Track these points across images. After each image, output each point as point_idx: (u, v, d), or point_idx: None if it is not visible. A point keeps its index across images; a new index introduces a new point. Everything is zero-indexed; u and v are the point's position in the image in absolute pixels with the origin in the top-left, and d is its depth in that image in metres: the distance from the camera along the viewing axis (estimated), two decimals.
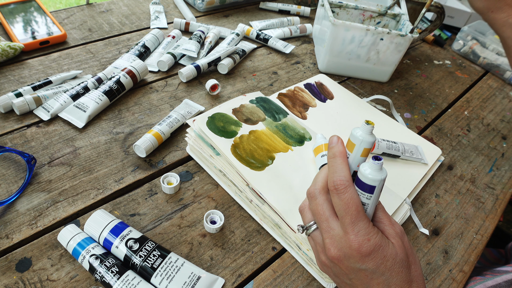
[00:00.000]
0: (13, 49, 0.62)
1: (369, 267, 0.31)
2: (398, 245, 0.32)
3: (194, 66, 0.66)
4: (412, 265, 0.32)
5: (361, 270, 0.31)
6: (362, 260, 0.31)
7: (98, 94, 0.56)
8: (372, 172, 0.30)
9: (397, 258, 0.31)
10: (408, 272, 0.31)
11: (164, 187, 0.47)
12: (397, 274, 0.31)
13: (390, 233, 0.32)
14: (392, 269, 0.31)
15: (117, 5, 0.85)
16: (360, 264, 0.31)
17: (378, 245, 0.31)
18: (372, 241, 0.31)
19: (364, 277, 0.32)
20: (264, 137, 0.51)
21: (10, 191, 0.45)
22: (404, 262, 0.31)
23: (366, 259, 0.31)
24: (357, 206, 0.31)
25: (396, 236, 0.32)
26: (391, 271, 0.31)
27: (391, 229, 0.32)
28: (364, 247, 0.30)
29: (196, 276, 0.38)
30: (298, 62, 0.79)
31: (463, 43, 0.97)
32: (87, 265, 0.37)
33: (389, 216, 0.33)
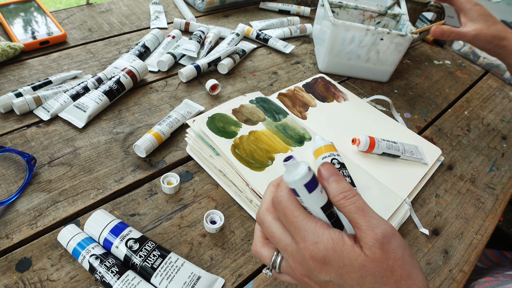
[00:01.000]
0: (13, 49, 0.62)
1: (332, 277, 0.27)
2: (373, 258, 0.26)
3: (194, 66, 0.66)
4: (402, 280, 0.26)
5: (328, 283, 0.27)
6: (321, 269, 0.27)
7: (98, 94, 0.56)
8: (286, 175, 0.27)
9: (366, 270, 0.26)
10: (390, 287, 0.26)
11: (164, 187, 0.47)
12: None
13: (366, 242, 0.26)
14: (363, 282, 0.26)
15: (117, 5, 0.85)
16: (322, 275, 0.27)
17: (331, 248, 0.26)
18: (322, 245, 0.26)
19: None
20: (264, 137, 0.51)
21: (10, 191, 0.45)
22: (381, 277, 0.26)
23: (324, 267, 0.27)
24: (293, 212, 0.27)
25: (373, 245, 0.26)
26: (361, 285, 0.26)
27: (368, 235, 0.26)
28: (315, 253, 0.27)
29: (196, 276, 0.38)
30: (298, 62, 0.79)
31: (463, 43, 0.97)
32: (87, 265, 0.37)
33: (369, 216, 0.27)
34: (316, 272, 0.27)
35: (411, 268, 0.26)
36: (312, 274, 0.28)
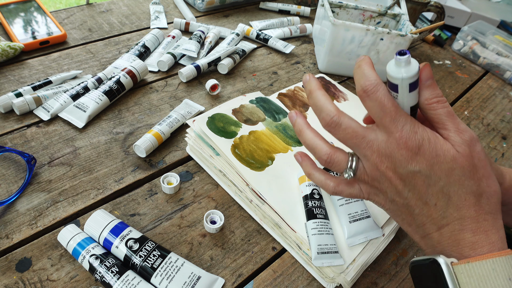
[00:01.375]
0: (13, 49, 0.62)
1: (422, 167, 0.27)
2: (463, 153, 0.27)
3: (194, 66, 0.66)
4: (484, 178, 0.28)
5: (415, 174, 0.28)
6: (412, 158, 0.27)
7: (98, 94, 0.56)
8: (394, 69, 0.27)
9: (456, 163, 0.27)
10: (475, 184, 0.28)
11: (164, 187, 0.47)
12: (458, 182, 0.27)
13: (456, 140, 0.28)
14: (451, 174, 0.27)
15: (117, 5, 0.85)
16: (411, 165, 0.28)
17: (427, 139, 0.27)
18: (420, 134, 0.27)
19: (420, 184, 0.28)
20: (264, 137, 0.51)
21: (10, 191, 0.45)
22: (468, 171, 0.27)
23: (416, 156, 0.27)
24: (394, 102, 0.27)
25: (462, 143, 0.27)
26: (449, 176, 0.27)
27: (457, 136, 0.28)
28: (412, 141, 0.27)
29: (196, 276, 0.38)
30: (298, 62, 0.79)
31: (463, 43, 0.97)
32: (87, 265, 0.37)
33: (457, 122, 0.28)
34: (406, 162, 0.28)
35: (490, 172, 0.29)
36: (400, 165, 0.28)
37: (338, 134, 0.30)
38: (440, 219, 0.29)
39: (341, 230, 0.43)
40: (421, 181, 0.28)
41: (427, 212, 0.29)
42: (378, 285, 0.43)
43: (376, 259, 0.45)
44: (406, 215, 0.31)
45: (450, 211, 0.28)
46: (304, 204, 0.44)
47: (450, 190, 0.28)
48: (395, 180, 0.29)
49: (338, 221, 0.44)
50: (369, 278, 0.43)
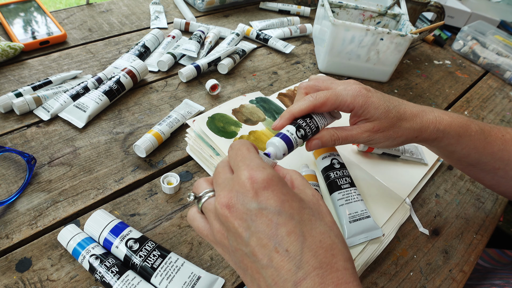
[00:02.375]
0: (13, 49, 0.62)
1: (271, 203, 0.24)
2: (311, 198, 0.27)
3: (194, 66, 0.66)
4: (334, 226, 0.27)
5: (260, 211, 0.24)
6: (258, 194, 0.24)
7: (98, 94, 0.56)
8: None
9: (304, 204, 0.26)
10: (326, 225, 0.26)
11: (164, 187, 0.47)
12: (310, 221, 0.25)
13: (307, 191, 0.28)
14: (302, 213, 0.25)
15: (117, 5, 0.85)
16: (257, 201, 0.24)
17: (276, 177, 0.26)
18: (267, 170, 0.26)
19: (267, 224, 0.24)
20: (264, 137, 0.51)
21: (10, 191, 0.45)
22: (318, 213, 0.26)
23: (264, 192, 0.24)
24: (249, 148, 0.28)
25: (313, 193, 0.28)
26: (301, 214, 0.25)
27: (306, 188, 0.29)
28: (258, 175, 0.25)
29: (196, 276, 0.38)
30: (298, 62, 0.79)
31: (463, 43, 0.97)
32: (87, 265, 0.37)
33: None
34: (250, 196, 0.25)
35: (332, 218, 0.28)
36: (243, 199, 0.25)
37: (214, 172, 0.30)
38: (295, 271, 0.23)
39: (341, 230, 0.43)
40: (268, 220, 0.24)
41: (278, 263, 0.23)
42: (378, 285, 0.43)
43: (376, 259, 0.45)
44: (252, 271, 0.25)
45: (306, 258, 0.23)
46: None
47: (304, 231, 0.24)
48: (233, 221, 0.25)
49: (338, 221, 0.44)
50: (369, 278, 0.43)
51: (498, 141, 0.42)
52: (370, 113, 0.38)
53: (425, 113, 0.40)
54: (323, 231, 0.25)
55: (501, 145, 0.42)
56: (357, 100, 0.38)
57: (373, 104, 0.38)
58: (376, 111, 0.38)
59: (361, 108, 0.38)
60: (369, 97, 0.38)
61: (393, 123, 0.39)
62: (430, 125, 0.40)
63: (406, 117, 0.40)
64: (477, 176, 0.47)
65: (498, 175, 0.44)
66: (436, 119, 0.40)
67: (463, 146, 0.41)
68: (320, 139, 0.38)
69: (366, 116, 0.39)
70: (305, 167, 0.47)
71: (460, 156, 0.43)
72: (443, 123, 0.40)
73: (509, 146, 0.42)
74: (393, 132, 0.39)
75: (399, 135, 0.40)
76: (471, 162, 0.44)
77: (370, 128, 0.39)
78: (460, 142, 0.41)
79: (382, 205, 0.48)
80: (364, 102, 0.38)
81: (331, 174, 0.46)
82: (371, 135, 0.39)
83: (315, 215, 0.26)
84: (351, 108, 0.39)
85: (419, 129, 0.40)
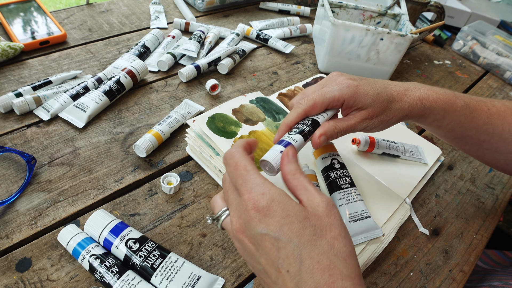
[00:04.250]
0: (13, 49, 0.62)
1: (271, 229, 0.26)
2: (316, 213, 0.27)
3: (194, 66, 0.66)
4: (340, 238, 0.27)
5: (263, 236, 0.26)
6: (261, 221, 0.27)
7: (98, 94, 0.56)
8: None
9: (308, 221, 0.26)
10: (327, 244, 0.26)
11: (164, 187, 0.47)
12: (310, 242, 0.26)
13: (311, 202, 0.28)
14: (302, 234, 0.26)
15: (117, 5, 0.85)
16: (260, 227, 0.26)
17: (277, 200, 0.27)
18: (268, 195, 0.27)
19: (270, 247, 0.26)
20: (264, 137, 0.51)
21: (10, 191, 0.45)
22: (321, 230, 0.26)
23: (265, 218, 0.26)
24: (246, 166, 0.29)
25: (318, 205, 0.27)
26: (300, 237, 0.26)
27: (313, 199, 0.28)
28: (259, 202, 0.27)
29: (196, 276, 0.38)
30: (298, 62, 0.79)
31: (463, 43, 0.97)
32: (87, 265, 0.37)
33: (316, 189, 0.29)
34: (254, 223, 0.27)
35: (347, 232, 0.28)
36: (249, 226, 0.27)
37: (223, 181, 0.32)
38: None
39: None
40: (270, 244, 0.26)
41: (282, 281, 0.26)
42: (378, 285, 0.43)
43: (376, 259, 0.45)
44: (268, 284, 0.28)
45: (304, 278, 0.25)
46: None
47: (302, 253, 0.26)
48: (247, 242, 0.28)
49: None
50: (369, 278, 0.43)
51: (484, 114, 0.43)
52: (361, 101, 0.39)
53: (411, 91, 0.41)
54: (322, 251, 0.26)
55: (486, 119, 0.43)
56: (346, 92, 0.38)
57: (362, 92, 0.39)
58: (367, 98, 0.39)
59: (351, 98, 0.39)
60: (357, 86, 0.39)
61: (384, 107, 0.40)
62: (418, 103, 0.41)
63: (395, 98, 0.40)
64: (463, 148, 0.48)
65: (483, 147, 0.45)
66: (423, 95, 0.41)
67: (448, 121, 0.42)
68: (325, 134, 0.38)
69: (358, 105, 0.39)
70: (305, 167, 0.47)
71: (446, 130, 0.44)
72: (429, 100, 0.41)
73: (494, 119, 0.43)
74: (385, 115, 0.40)
75: (391, 117, 0.41)
76: (457, 136, 0.45)
77: (366, 116, 0.40)
78: (446, 118, 0.42)
79: (382, 205, 0.48)
80: (354, 92, 0.38)
81: (331, 174, 0.46)
82: (367, 122, 0.40)
83: (317, 234, 0.26)
84: (341, 101, 0.39)
85: (407, 107, 0.40)
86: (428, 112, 0.41)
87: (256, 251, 0.28)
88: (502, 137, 0.43)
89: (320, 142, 0.37)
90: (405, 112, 0.40)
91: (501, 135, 0.43)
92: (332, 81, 0.40)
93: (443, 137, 0.47)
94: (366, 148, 0.54)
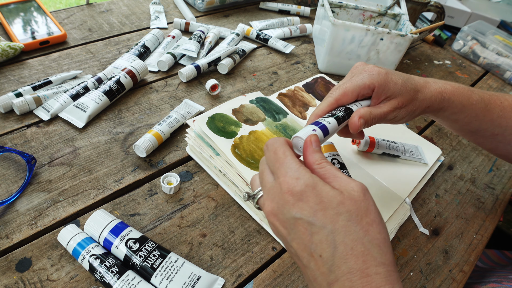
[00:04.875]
0: (13, 49, 0.62)
1: (305, 214, 0.26)
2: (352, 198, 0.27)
3: (194, 66, 0.66)
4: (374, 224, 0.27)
5: (297, 220, 0.27)
6: (294, 204, 0.27)
7: (98, 94, 0.56)
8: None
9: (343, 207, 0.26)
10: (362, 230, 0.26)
11: (164, 187, 0.47)
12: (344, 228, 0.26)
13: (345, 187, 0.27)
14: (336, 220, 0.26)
15: (117, 5, 0.85)
16: (294, 211, 0.27)
17: (311, 185, 0.27)
18: (302, 180, 0.27)
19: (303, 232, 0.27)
20: (264, 137, 0.51)
21: (10, 191, 0.45)
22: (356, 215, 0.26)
23: (299, 203, 0.27)
24: (284, 151, 0.29)
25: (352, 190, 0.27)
26: (334, 223, 0.26)
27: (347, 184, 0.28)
28: (294, 186, 0.27)
29: (196, 276, 0.38)
30: (298, 62, 0.79)
31: (463, 43, 0.97)
32: (87, 265, 0.37)
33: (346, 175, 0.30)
34: (288, 207, 0.27)
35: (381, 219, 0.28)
36: (282, 210, 0.28)
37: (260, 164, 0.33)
38: (328, 273, 0.26)
39: None
40: (304, 229, 0.27)
41: (314, 265, 0.27)
42: None
43: None
44: (301, 267, 0.29)
45: (337, 263, 0.25)
46: None
47: (336, 239, 0.25)
48: (279, 226, 0.29)
49: None
50: None
51: (497, 108, 0.44)
52: (391, 89, 0.39)
53: (431, 84, 0.42)
54: (356, 238, 0.26)
55: (500, 112, 0.44)
56: (376, 79, 0.38)
57: (391, 80, 0.39)
58: (396, 87, 0.39)
59: (382, 86, 0.39)
60: (386, 73, 0.39)
61: (412, 96, 0.40)
62: (438, 95, 0.41)
63: (419, 88, 0.41)
64: (477, 141, 0.49)
65: (496, 140, 0.46)
66: (441, 88, 0.42)
67: (465, 115, 0.44)
68: (363, 117, 0.37)
69: (387, 93, 0.39)
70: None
71: (463, 124, 0.45)
72: (448, 93, 0.42)
73: (507, 112, 0.44)
74: (412, 105, 0.41)
75: (416, 107, 0.41)
76: (472, 130, 0.46)
77: (396, 105, 0.40)
78: (463, 111, 0.43)
79: (382, 205, 0.48)
80: (384, 79, 0.39)
81: None
82: (397, 112, 0.40)
83: (351, 219, 0.26)
84: (372, 87, 0.39)
85: (429, 99, 0.41)
86: (447, 105, 0.42)
87: (288, 234, 0.28)
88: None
89: (360, 125, 0.37)
90: (427, 103, 0.41)
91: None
92: (360, 70, 0.40)
93: (459, 131, 0.48)
94: (366, 148, 0.54)
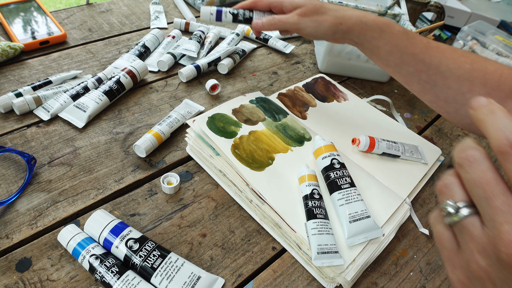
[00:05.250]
0: (13, 49, 0.62)
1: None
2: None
3: (194, 66, 0.66)
4: None
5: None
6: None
7: (98, 94, 0.56)
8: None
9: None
10: None
11: (164, 187, 0.47)
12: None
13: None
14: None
15: (117, 5, 0.85)
16: None
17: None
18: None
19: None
20: (264, 137, 0.51)
21: (10, 191, 0.45)
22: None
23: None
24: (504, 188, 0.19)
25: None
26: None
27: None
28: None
29: (196, 276, 0.38)
30: (298, 62, 0.79)
31: (463, 43, 0.97)
32: (87, 265, 0.37)
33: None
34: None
35: None
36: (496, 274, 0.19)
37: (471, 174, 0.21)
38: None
39: (341, 230, 0.43)
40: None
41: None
42: (378, 285, 0.43)
43: (376, 259, 0.45)
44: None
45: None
46: (304, 204, 0.44)
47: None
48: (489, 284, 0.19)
49: (338, 221, 0.44)
50: (369, 278, 0.43)
51: (421, 45, 0.46)
52: (296, 2, 0.49)
53: (350, 9, 0.48)
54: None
55: (424, 49, 0.46)
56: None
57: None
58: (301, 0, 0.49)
59: None
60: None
61: (317, 9, 0.48)
62: (353, 16, 0.47)
63: (330, 7, 0.49)
64: (404, 79, 0.50)
65: (422, 79, 0.47)
66: (361, 13, 0.47)
67: (385, 42, 0.47)
68: (261, 19, 0.51)
69: (294, 5, 0.49)
70: (305, 167, 0.47)
71: (384, 54, 0.48)
72: (367, 18, 0.47)
73: (432, 51, 0.45)
74: (318, 16, 0.48)
75: (324, 19, 0.48)
76: (395, 62, 0.48)
77: (298, 12, 0.49)
78: (382, 37, 0.47)
79: (382, 205, 0.48)
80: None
81: (331, 174, 0.46)
82: (299, 19, 0.49)
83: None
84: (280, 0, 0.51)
85: (342, 16, 0.47)
86: (365, 28, 0.47)
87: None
88: (439, 70, 0.45)
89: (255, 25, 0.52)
90: (339, 19, 0.47)
91: (438, 68, 0.45)
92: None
93: (384, 65, 0.51)
94: (366, 148, 0.54)
